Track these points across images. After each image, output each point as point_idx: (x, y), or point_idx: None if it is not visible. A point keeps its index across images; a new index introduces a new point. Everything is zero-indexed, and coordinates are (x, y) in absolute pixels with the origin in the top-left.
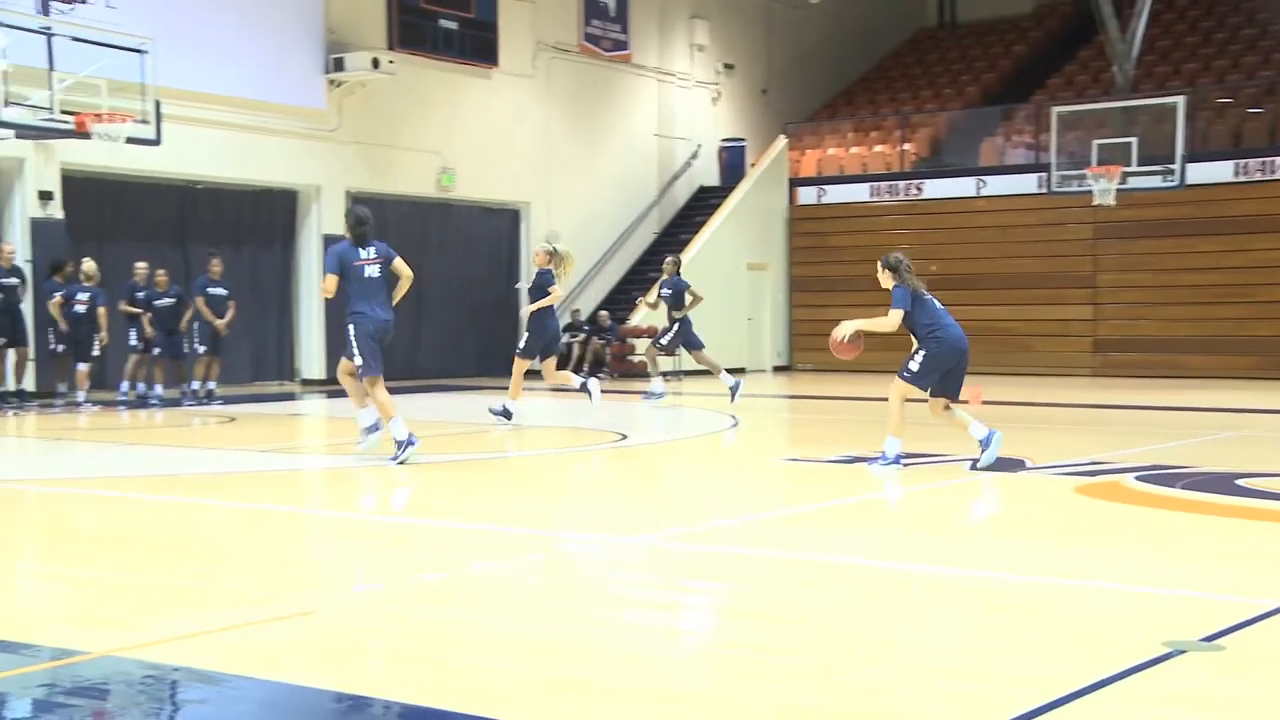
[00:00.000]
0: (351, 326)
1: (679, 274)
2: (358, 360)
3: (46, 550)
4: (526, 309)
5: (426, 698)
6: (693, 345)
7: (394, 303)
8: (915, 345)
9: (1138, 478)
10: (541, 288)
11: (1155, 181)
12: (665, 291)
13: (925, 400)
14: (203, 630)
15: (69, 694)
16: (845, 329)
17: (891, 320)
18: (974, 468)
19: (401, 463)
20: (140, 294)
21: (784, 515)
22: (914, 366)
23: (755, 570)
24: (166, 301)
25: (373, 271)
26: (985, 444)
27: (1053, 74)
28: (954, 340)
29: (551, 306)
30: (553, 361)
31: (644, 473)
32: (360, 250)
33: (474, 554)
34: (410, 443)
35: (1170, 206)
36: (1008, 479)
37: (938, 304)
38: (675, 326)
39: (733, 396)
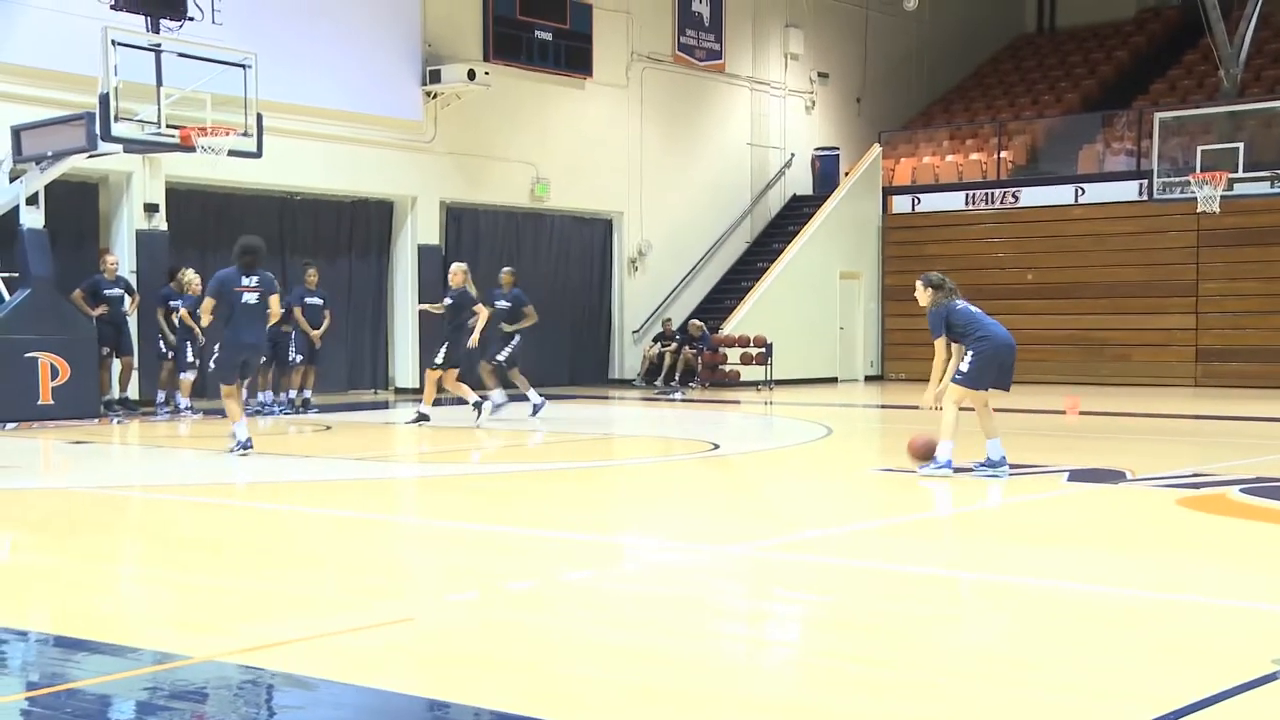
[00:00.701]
0: (219, 345)
1: (517, 287)
2: (215, 370)
3: (149, 555)
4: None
5: (521, 705)
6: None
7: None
8: (965, 351)
9: (1243, 490)
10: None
11: (1262, 188)
12: (504, 304)
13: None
14: (300, 636)
15: (170, 697)
16: (927, 400)
17: (939, 350)
18: (928, 469)
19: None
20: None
21: (878, 526)
22: (965, 368)
23: (849, 581)
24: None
25: (250, 299)
26: (989, 464)
27: (1156, 79)
28: (1001, 337)
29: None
30: (455, 373)
31: (736, 482)
32: (243, 278)
33: (568, 562)
34: (247, 445)
35: (1277, 214)
36: (1108, 490)
37: (973, 308)
38: (516, 340)
39: (534, 411)
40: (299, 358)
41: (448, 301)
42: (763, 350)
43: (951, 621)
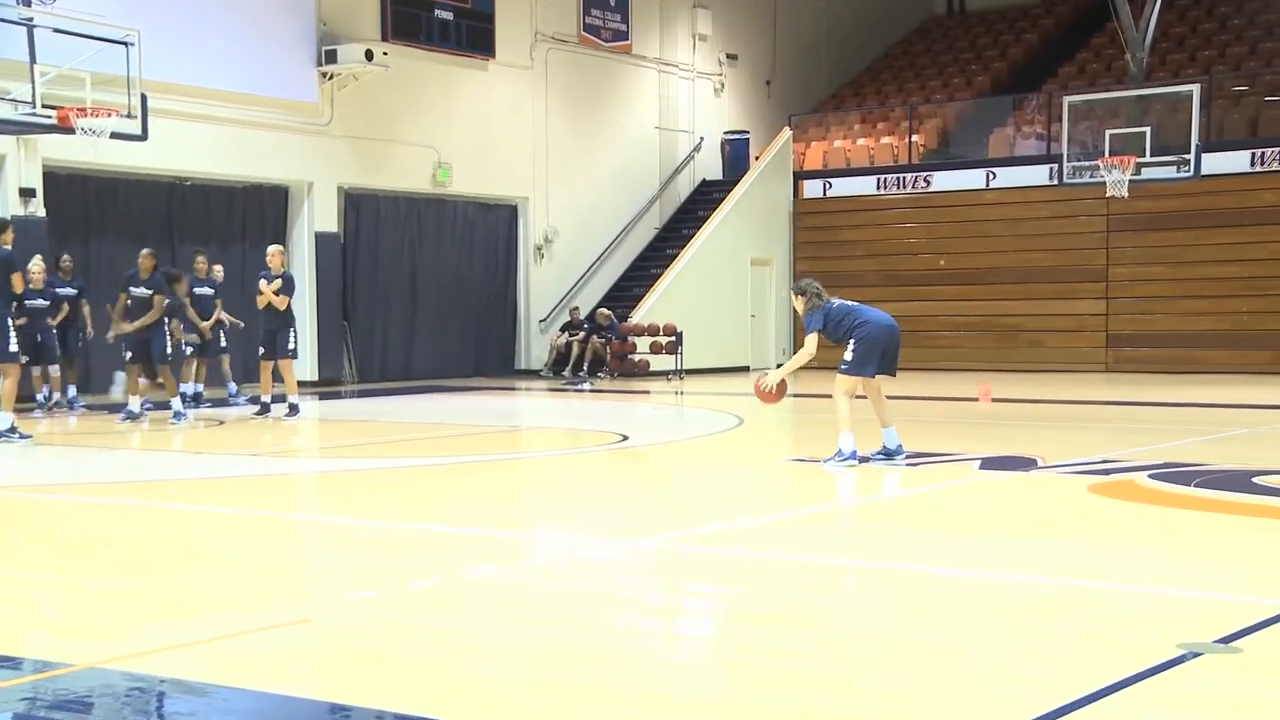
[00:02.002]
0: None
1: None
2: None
3: (29, 558)
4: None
5: (425, 707)
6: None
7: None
8: (847, 340)
9: (1152, 476)
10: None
11: (1170, 172)
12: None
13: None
14: (191, 640)
15: (51, 708)
16: (772, 379)
17: (809, 345)
18: (832, 462)
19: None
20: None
21: (790, 517)
22: (849, 357)
23: (761, 573)
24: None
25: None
26: (885, 453)
27: (1064, 62)
28: (881, 323)
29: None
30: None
31: (646, 475)
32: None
33: (472, 559)
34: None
35: (1185, 198)
36: (1019, 478)
37: (850, 303)
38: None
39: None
40: (190, 350)
41: (278, 284)
42: (673, 339)
43: (864, 612)
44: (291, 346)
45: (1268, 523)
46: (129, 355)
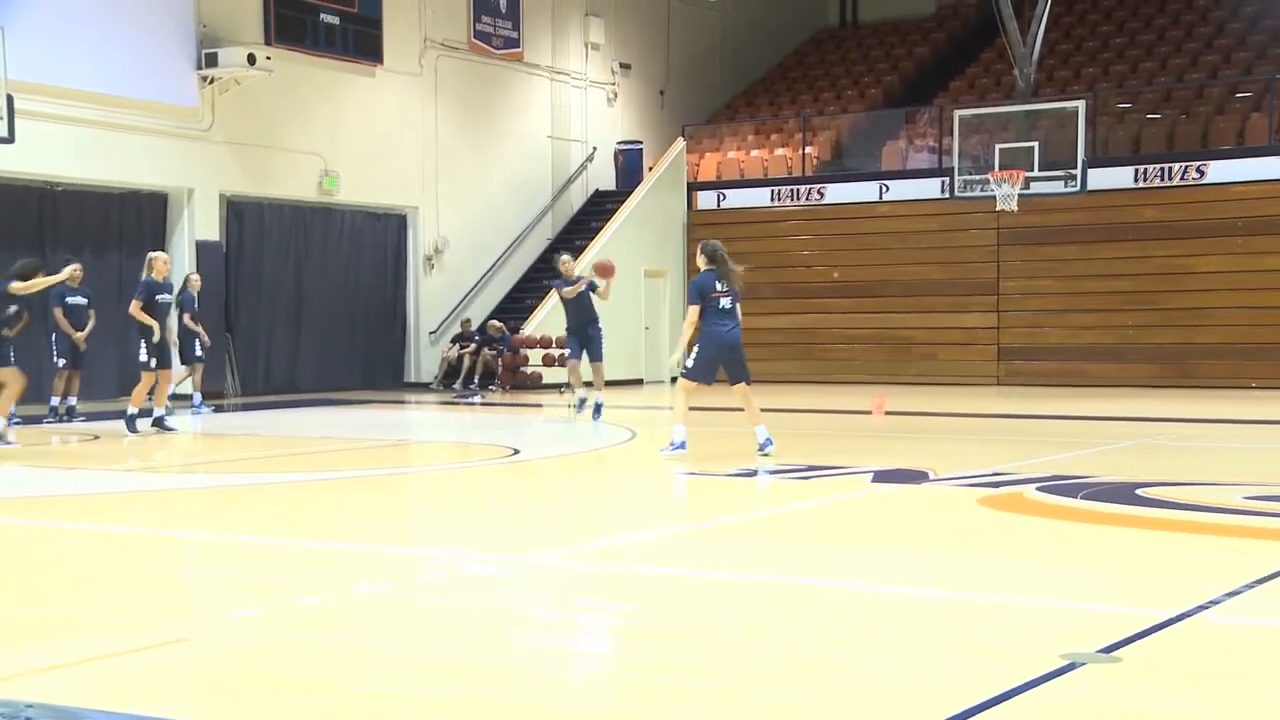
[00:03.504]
0: None
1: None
2: None
3: None
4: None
5: None
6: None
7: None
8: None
9: (1039, 488)
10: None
11: (1057, 187)
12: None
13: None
14: (62, 662)
15: None
16: (673, 360)
17: (692, 315)
18: (666, 451)
19: None
20: None
21: (684, 531)
22: (690, 363)
23: (655, 588)
24: None
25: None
26: (762, 447)
27: (956, 76)
28: (717, 335)
29: None
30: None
31: (539, 488)
32: None
33: (360, 575)
34: None
35: (1073, 212)
36: (911, 490)
37: (725, 302)
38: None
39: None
40: (62, 362)
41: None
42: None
43: (757, 627)
44: (142, 358)
45: (1150, 534)
46: None
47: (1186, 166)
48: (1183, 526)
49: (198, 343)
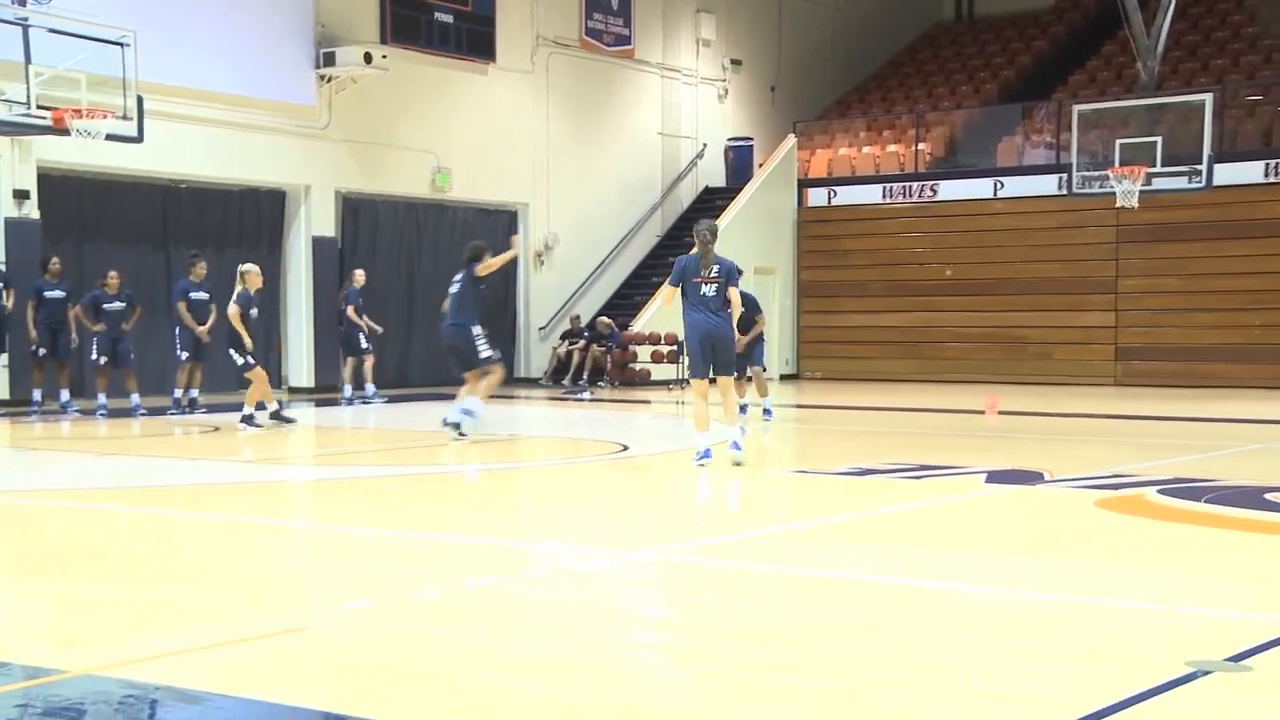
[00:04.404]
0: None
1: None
2: None
3: (21, 565)
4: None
5: (423, 718)
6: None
7: None
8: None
9: (1161, 491)
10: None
11: (1181, 183)
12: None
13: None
14: (186, 648)
15: (43, 715)
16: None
17: (664, 292)
18: (696, 460)
19: None
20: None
21: (794, 530)
22: (688, 363)
23: (764, 586)
24: (115, 306)
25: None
26: (737, 438)
27: (1075, 70)
28: (694, 326)
29: None
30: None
31: (647, 485)
32: None
33: (472, 569)
34: None
35: (1196, 209)
36: (1026, 492)
37: (703, 290)
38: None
39: None
40: (185, 355)
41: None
42: (674, 348)
43: (869, 628)
44: (240, 362)
45: (1279, 540)
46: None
47: None
48: None
49: (363, 335)
